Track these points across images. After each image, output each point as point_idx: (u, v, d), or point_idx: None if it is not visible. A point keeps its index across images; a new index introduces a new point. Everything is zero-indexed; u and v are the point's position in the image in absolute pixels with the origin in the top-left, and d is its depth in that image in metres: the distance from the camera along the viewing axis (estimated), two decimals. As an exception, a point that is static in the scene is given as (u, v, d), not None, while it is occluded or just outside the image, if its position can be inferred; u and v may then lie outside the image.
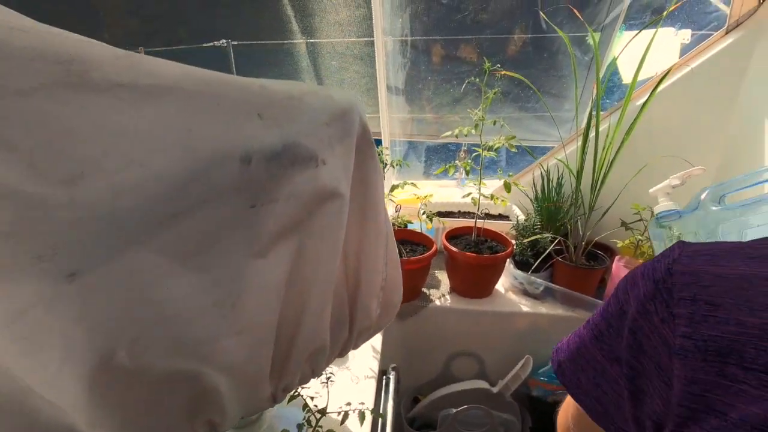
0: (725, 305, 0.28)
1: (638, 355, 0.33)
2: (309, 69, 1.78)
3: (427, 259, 1.24)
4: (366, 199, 0.49)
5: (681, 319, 0.30)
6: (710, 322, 0.29)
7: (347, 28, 1.46)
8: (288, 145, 0.36)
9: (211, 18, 2.13)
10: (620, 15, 1.50)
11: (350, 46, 1.52)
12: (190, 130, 0.30)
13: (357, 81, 1.73)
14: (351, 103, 0.41)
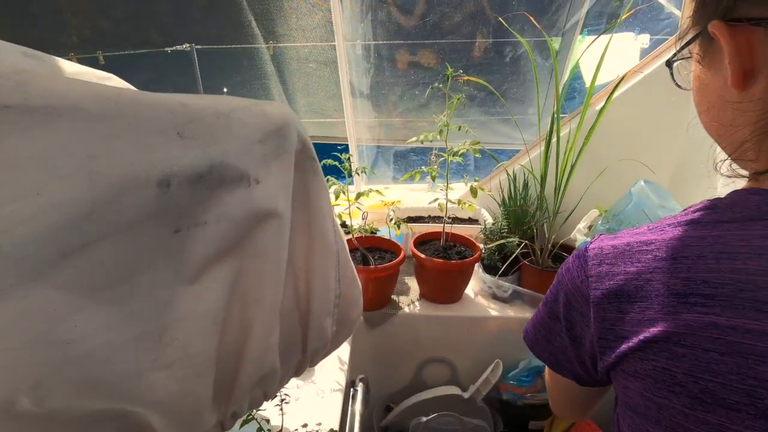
0: (617, 263, 0.41)
1: (569, 311, 0.47)
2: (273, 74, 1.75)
3: (395, 266, 1.23)
4: (311, 216, 0.47)
5: (592, 278, 0.43)
6: (609, 276, 0.41)
7: (309, 33, 1.44)
8: (215, 166, 0.34)
9: (183, 21, 2.07)
10: (579, 21, 1.54)
11: (314, 51, 1.50)
12: (95, 155, 0.28)
13: (322, 86, 1.71)
14: (286, 118, 0.39)
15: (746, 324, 0.32)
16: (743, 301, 0.33)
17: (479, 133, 1.83)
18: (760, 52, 0.35)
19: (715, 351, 0.33)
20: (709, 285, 0.34)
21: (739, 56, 0.36)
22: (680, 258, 0.36)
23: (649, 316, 0.37)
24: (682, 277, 0.36)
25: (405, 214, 1.68)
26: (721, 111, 0.41)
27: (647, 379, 0.37)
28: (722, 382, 0.33)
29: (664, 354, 0.36)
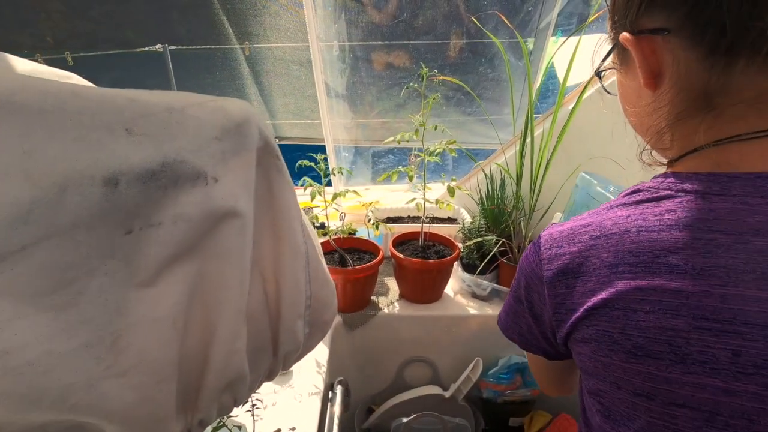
0: (563, 245, 0.46)
1: (529, 292, 0.51)
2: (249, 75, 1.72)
3: (373, 267, 1.22)
4: (276, 216, 0.46)
5: (544, 261, 0.48)
6: (557, 257, 0.46)
7: (285, 34, 1.42)
8: (168, 163, 0.32)
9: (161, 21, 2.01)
10: (552, 22, 1.56)
11: (289, 52, 1.48)
12: (32, 151, 0.26)
13: (299, 87, 1.69)
14: (246, 113, 0.38)
15: (662, 284, 0.37)
16: (659, 265, 0.38)
17: (456, 133, 1.84)
18: (662, 55, 0.41)
19: (641, 310, 0.38)
20: (632, 254, 0.40)
21: (646, 61, 0.42)
22: (610, 234, 0.42)
23: (590, 288, 0.42)
24: (612, 250, 0.41)
25: (384, 215, 1.68)
26: (641, 110, 0.47)
27: (592, 343, 0.42)
28: (648, 336, 0.38)
29: (604, 318, 0.41)
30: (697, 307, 0.36)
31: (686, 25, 0.39)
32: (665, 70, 0.42)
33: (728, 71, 0.38)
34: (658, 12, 0.40)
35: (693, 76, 0.40)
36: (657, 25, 0.40)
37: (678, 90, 0.42)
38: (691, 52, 0.39)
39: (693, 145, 0.43)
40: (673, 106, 0.43)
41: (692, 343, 0.36)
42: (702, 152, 0.42)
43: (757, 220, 0.36)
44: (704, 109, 0.41)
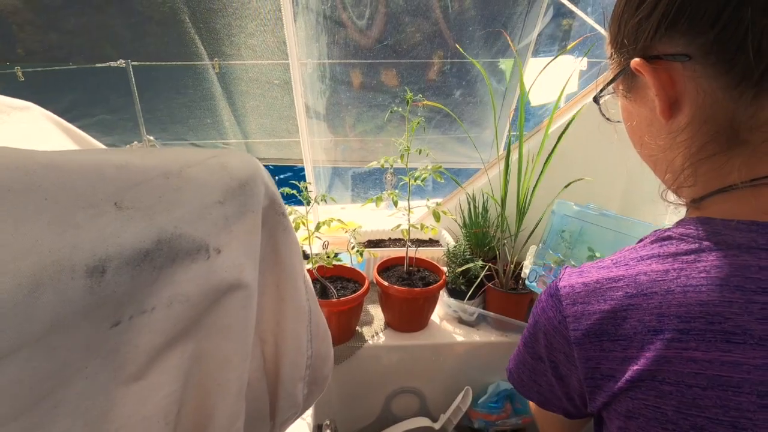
0: (590, 302, 0.41)
1: (552, 351, 0.46)
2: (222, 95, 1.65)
3: (359, 298, 1.17)
4: (281, 277, 0.41)
5: (569, 318, 0.43)
6: (585, 315, 0.41)
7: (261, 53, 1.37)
8: (164, 239, 0.27)
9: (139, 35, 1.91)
10: (531, 43, 1.58)
11: (265, 72, 1.43)
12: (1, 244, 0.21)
13: (275, 107, 1.64)
14: (252, 170, 0.33)
15: (720, 356, 0.34)
16: (714, 333, 0.34)
17: (437, 153, 1.83)
18: (681, 83, 0.38)
19: (698, 386, 0.34)
20: (681, 320, 0.36)
21: (664, 89, 0.39)
22: (650, 294, 0.38)
23: (632, 354, 0.38)
24: (656, 313, 0.37)
25: (366, 238, 1.63)
26: (654, 142, 0.44)
27: (640, 418, 0.38)
28: (708, 416, 0.34)
29: (653, 393, 0.37)
30: (761, 383, 0.32)
31: (712, 51, 0.35)
32: (684, 98, 0.39)
33: (758, 102, 0.35)
34: (679, 36, 0.37)
35: (718, 106, 0.37)
36: (677, 50, 0.37)
37: (700, 122, 0.38)
38: (716, 81, 0.36)
39: (724, 183, 0.39)
40: (694, 140, 0.39)
41: (759, 426, 0.32)
42: (735, 192, 0.38)
43: None
44: (732, 143, 0.38)
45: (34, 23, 1.98)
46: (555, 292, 0.45)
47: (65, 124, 0.64)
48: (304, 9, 1.11)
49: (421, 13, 1.30)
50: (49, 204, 0.23)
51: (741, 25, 0.33)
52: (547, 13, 1.34)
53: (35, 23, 1.98)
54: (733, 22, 0.34)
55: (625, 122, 0.48)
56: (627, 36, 0.41)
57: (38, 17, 1.96)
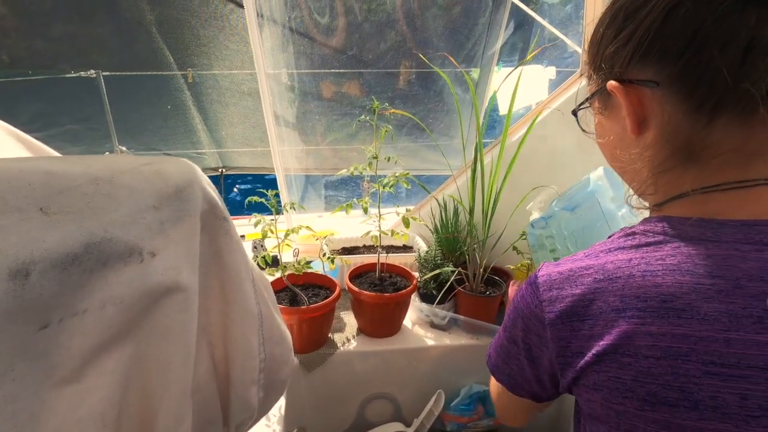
0: (564, 287, 0.46)
1: (527, 334, 0.51)
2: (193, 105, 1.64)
3: (330, 304, 1.17)
4: (225, 280, 0.42)
5: (545, 302, 0.47)
6: (559, 299, 0.46)
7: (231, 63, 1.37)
8: (94, 243, 0.28)
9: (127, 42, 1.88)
10: (495, 53, 1.63)
11: (236, 82, 1.44)
12: None
13: (246, 116, 1.64)
14: (188, 176, 0.35)
15: (671, 330, 0.38)
16: (667, 311, 0.39)
17: (409, 160, 1.85)
18: (649, 106, 0.44)
19: (652, 356, 0.39)
20: (639, 299, 0.40)
21: (634, 109, 0.44)
22: (615, 278, 0.43)
23: (598, 332, 0.42)
24: (619, 294, 0.41)
25: (339, 245, 1.64)
26: (624, 155, 0.49)
27: (604, 390, 0.42)
28: (661, 383, 0.38)
29: (614, 365, 0.41)
30: (705, 353, 0.37)
31: (676, 81, 0.41)
32: (651, 119, 0.44)
33: (711, 126, 0.41)
34: (650, 65, 0.42)
35: (678, 127, 0.42)
36: (647, 77, 0.42)
37: (663, 140, 0.44)
38: (679, 106, 0.42)
39: (678, 191, 0.45)
40: (657, 155, 0.45)
41: (703, 389, 0.36)
42: (688, 198, 0.44)
43: (749, 265, 0.38)
44: (687, 159, 0.43)
45: (19, 30, 1.96)
46: (534, 281, 0.50)
47: (21, 134, 0.64)
48: (269, 21, 1.12)
49: (388, 25, 1.33)
50: (-30, 209, 0.23)
51: (701, 63, 0.39)
52: (509, 26, 1.39)
53: (20, 30, 1.96)
54: (695, 59, 0.39)
55: (599, 136, 0.54)
56: (604, 60, 0.46)
57: (23, 24, 1.94)
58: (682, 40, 0.39)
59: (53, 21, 1.79)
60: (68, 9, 1.82)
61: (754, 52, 0.37)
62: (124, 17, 1.66)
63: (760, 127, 0.40)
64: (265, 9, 1.12)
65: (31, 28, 1.95)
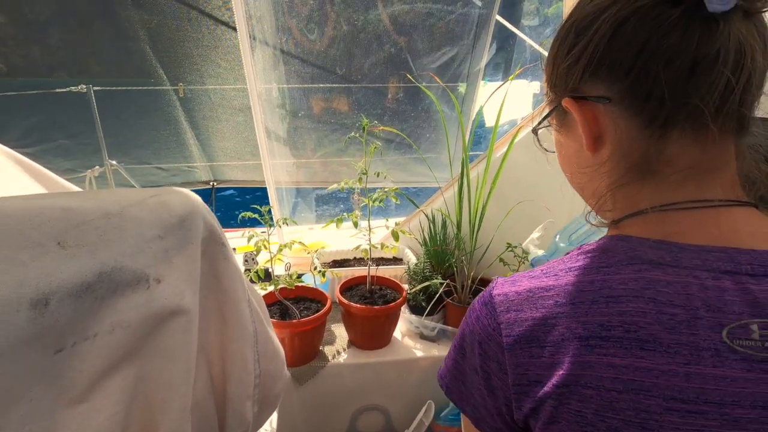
0: (523, 309, 0.43)
1: (485, 360, 0.46)
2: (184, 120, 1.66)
3: (321, 317, 1.19)
4: (223, 301, 0.44)
5: (503, 325, 0.44)
6: (518, 322, 0.43)
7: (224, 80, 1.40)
8: (105, 272, 0.31)
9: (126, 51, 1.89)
10: (480, 70, 1.68)
11: (228, 97, 1.46)
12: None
13: (237, 131, 1.67)
14: (191, 207, 0.37)
15: (634, 362, 0.36)
16: (630, 341, 0.37)
17: (398, 174, 1.89)
18: (603, 121, 0.43)
19: (614, 390, 0.37)
20: (603, 328, 0.38)
21: (589, 125, 0.44)
22: (577, 303, 0.41)
23: (558, 360, 0.40)
24: (582, 321, 0.40)
25: (330, 258, 1.66)
26: (581, 171, 0.49)
27: (562, 422, 0.40)
28: (622, 418, 0.36)
29: (576, 397, 0.39)
30: (666, 387, 0.35)
31: (627, 97, 0.41)
32: (606, 134, 0.44)
33: (664, 141, 0.41)
34: (601, 81, 0.42)
35: (632, 143, 0.42)
36: (599, 93, 0.42)
37: (619, 156, 0.44)
38: (631, 122, 0.42)
39: (636, 208, 0.44)
40: (614, 171, 0.45)
41: (663, 426, 0.35)
42: (646, 216, 0.43)
43: (707, 295, 0.37)
44: (644, 174, 0.43)
45: (16, 38, 1.95)
46: (489, 300, 0.47)
47: (19, 156, 0.66)
48: (261, 43, 1.16)
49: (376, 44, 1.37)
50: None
51: (648, 78, 0.39)
52: (492, 45, 1.44)
53: (18, 38, 1.95)
54: (642, 75, 0.39)
55: (558, 154, 0.54)
56: (559, 78, 0.46)
57: (21, 32, 1.94)
58: (629, 56, 0.40)
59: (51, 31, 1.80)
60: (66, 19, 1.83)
61: (699, 68, 0.37)
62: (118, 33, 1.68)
63: (712, 143, 0.40)
64: (258, 32, 1.16)
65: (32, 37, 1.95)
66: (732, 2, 0.36)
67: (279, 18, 1.22)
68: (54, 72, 1.99)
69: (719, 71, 0.37)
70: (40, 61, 1.98)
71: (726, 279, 0.38)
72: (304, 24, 1.30)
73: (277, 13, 1.21)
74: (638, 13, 0.39)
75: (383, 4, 1.30)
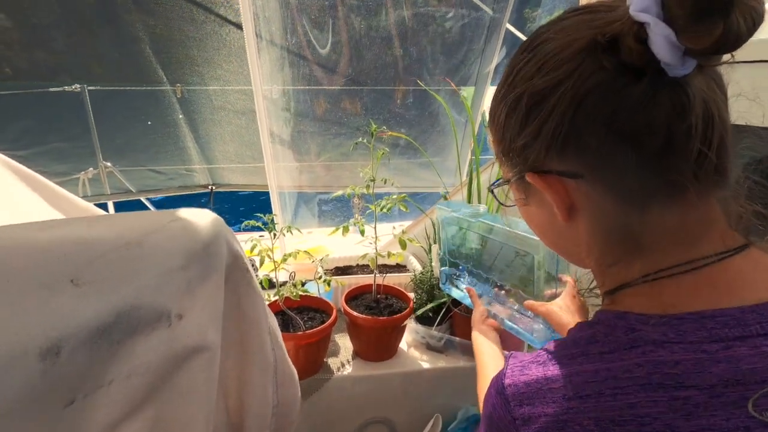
0: (534, 404, 0.41)
1: None
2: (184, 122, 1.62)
3: (326, 329, 1.15)
4: (245, 331, 0.40)
5: (519, 421, 0.42)
6: (533, 418, 0.41)
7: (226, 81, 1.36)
8: (124, 313, 0.27)
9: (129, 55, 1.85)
10: (490, 72, 1.65)
11: (230, 101, 1.42)
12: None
13: (238, 134, 1.63)
14: (214, 231, 0.33)
15: None
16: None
17: (402, 179, 1.86)
18: (575, 195, 0.40)
19: None
20: (615, 423, 0.36)
21: (560, 197, 0.41)
22: (584, 397, 0.38)
23: None
24: (593, 417, 0.38)
25: (333, 264, 1.62)
26: (559, 239, 0.46)
27: None
28: None
29: None
30: None
31: (599, 172, 0.38)
32: (579, 206, 0.41)
33: (645, 213, 0.38)
34: (568, 158, 0.39)
35: (610, 217, 0.40)
36: (567, 168, 0.39)
37: (597, 229, 0.42)
38: (606, 196, 0.39)
39: (626, 279, 0.41)
40: (595, 246, 0.42)
41: None
42: (639, 287, 0.41)
43: (722, 369, 0.35)
44: (629, 246, 0.41)
45: (21, 42, 1.93)
46: (502, 390, 0.45)
47: (14, 164, 0.62)
48: (269, 43, 1.12)
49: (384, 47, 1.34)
50: (7, 287, 0.22)
51: (620, 156, 0.36)
52: (503, 48, 1.42)
53: (22, 42, 1.93)
54: (615, 152, 0.36)
55: (527, 222, 0.50)
56: (515, 152, 0.42)
57: (26, 37, 1.92)
58: (597, 134, 0.37)
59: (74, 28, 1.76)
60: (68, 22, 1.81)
61: (674, 141, 0.35)
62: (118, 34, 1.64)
63: (694, 206, 0.38)
64: (264, 32, 1.12)
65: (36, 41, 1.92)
66: (692, 64, 0.33)
67: (287, 18, 1.18)
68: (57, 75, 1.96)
69: (693, 139, 0.35)
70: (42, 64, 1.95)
71: (738, 346, 0.35)
72: (313, 24, 1.26)
73: (284, 13, 1.17)
74: (599, 88, 0.36)
75: (393, 5, 1.26)
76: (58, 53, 1.86)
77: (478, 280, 1.16)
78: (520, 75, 0.40)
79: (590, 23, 0.37)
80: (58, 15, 1.71)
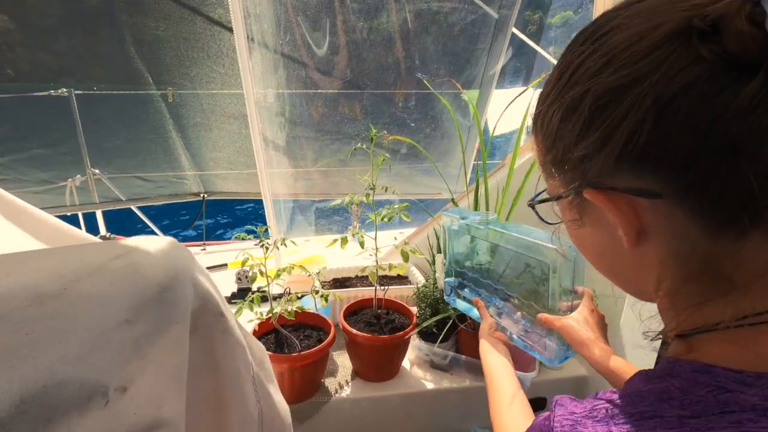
0: None
1: None
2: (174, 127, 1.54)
3: (324, 349, 1.07)
4: (221, 383, 0.32)
5: None
6: None
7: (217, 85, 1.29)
8: (31, 398, 0.19)
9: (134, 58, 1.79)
10: (495, 74, 1.59)
11: (221, 105, 1.35)
12: None
13: (230, 140, 1.55)
14: (175, 267, 0.25)
15: None
16: None
17: (402, 185, 1.79)
18: (648, 217, 0.33)
19: None
20: None
21: (628, 220, 0.34)
22: None
23: None
24: None
25: (330, 276, 1.55)
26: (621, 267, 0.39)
27: None
28: None
29: None
30: None
31: (689, 193, 0.31)
32: (651, 229, 0.34)
33: (740, 245, 0.31)
34: (646, 174, 0.32)
35: (693, 244, 0.33)
36: (643, 186, 0.32)
37: (672, 257, 0.34)
38: (692, 221, 0.32)
39: (708, 320, 0.34)
40: (668, 276, 0.35)
41: None
42: (728, 333, 0.33)
43: None
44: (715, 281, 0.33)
45: (24, 44, 1.90)
46: None
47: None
48: (260, 45, 1.05)
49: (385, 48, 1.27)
50: None
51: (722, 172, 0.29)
52: (510, 48, 1.35)
53: (25, 44, 1.90)
54: (713, 169, 0.29)
55: (578, 245, 0.42)
56: (569, 163, 0.35)
57: (28, 38, 1.88)
58: (686, 147, 0.29)
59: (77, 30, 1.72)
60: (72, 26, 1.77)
61: None
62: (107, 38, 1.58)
63: None
64: (256, 33, 1.04)
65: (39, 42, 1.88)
66: None
67: (280, 17, 1.11)
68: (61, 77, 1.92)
69: None
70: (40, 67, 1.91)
71: None
72: (308, 24, 1.19)
73: (278, 12, 1.10)
74: (694, 87, 0.28)
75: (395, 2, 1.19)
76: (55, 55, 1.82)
77: (487, 291, 1.09)
78: (581, 70, 0.32)
79: (677, 4, 0.29)
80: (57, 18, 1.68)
